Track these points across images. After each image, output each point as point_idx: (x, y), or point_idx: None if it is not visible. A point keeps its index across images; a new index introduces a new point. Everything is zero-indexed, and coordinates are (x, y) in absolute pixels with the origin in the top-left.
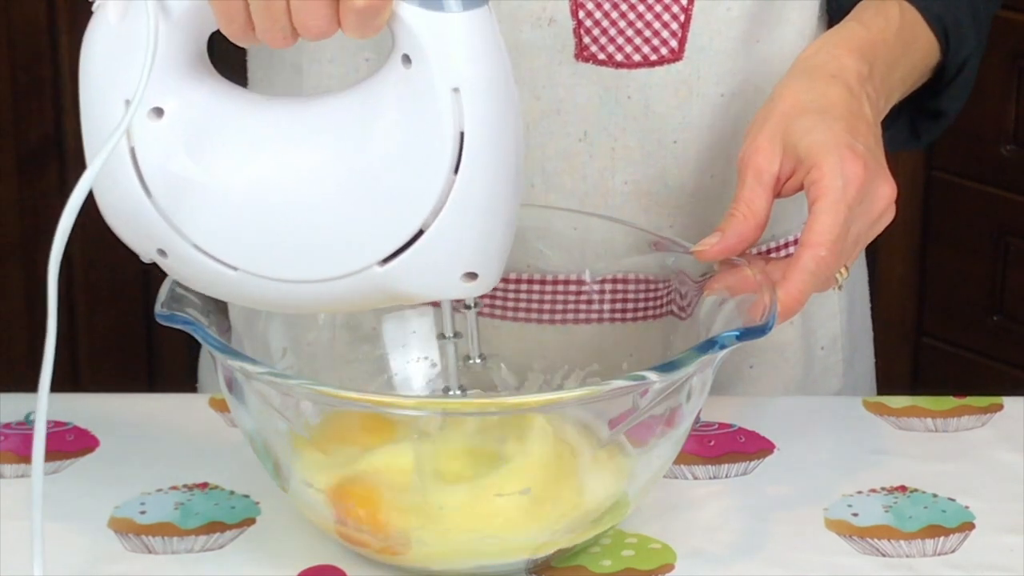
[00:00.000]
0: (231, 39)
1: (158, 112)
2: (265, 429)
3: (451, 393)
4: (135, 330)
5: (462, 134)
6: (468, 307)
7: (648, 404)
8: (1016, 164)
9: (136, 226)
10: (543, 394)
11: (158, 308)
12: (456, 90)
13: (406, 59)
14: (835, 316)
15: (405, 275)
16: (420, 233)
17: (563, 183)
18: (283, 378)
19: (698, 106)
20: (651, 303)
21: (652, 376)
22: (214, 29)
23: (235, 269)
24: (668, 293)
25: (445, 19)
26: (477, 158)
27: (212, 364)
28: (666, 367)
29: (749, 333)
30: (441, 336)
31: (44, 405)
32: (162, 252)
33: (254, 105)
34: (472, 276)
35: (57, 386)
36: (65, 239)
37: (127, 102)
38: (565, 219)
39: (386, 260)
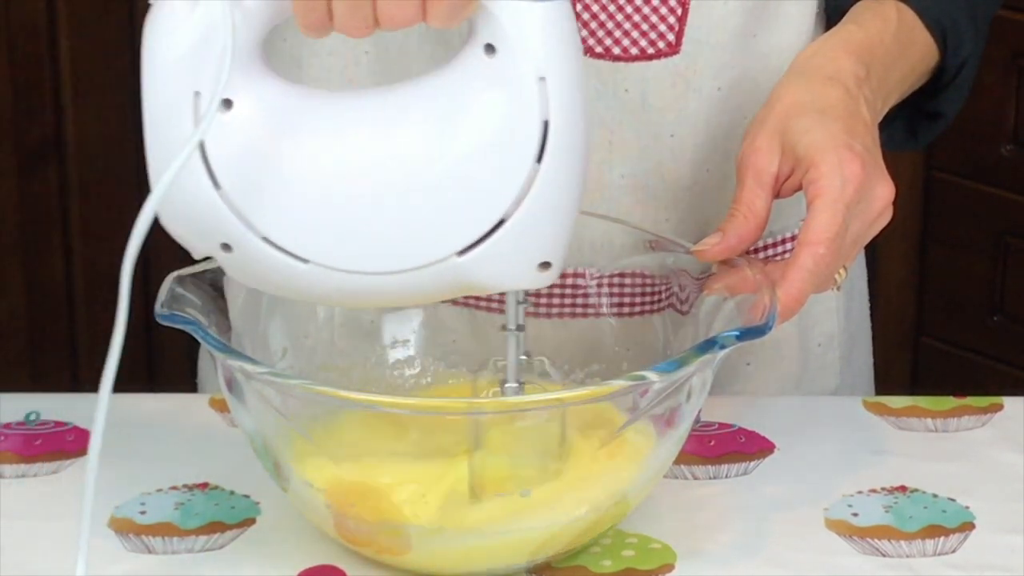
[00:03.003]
0: (303, 30)
1: (227, 104)
2: (265, 429)
3: (507, 386)
4: (135, 330)
5: (546, 123)
6: (520, 302)
7: (648, 404)
8: (1016, 164)
9: (199, 220)
10: (541, 395)
11: (158, 308)
12: (542, 79)
13: (489, 48)
14: (832, 313)
15: (483, 265)
16: (501, 223)
17: None
18: (283, 378)
19: (695, 100)
20: (650, 299)
21: (652, 376)
22: (279, 22)
23: (306, 262)
24: (667, 290)
25: (532, 8)
26: (559, 147)
27: (212, 364)
28: (666, 367)
29: (749, 333)
30: (503, 328)
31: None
32: (226, 247)
33: (325, 96)
34: (546, 265)
35: (57, 386)
36: (142, 238)
37: (196, 94)
38: None
39: (465, 250)
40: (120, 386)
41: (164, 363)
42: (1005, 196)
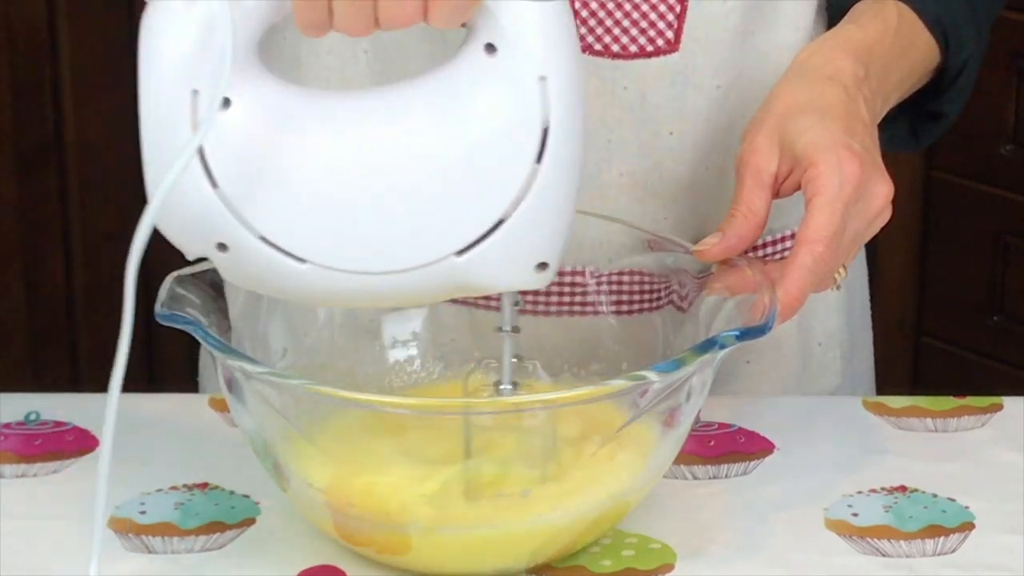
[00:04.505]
0: (303, 29)
1: (226, 102)
2: (265, 429)
3: (502, 388)
4: (135, 330)
5: (547, 123)
6: (515, 303)
7: (648, 404)
8: (1016, 164)
9: (195, 219)
10: (540, 395)
11: (158, 308)
12: (543, 79)
13: (490, 48)
14: (833, 313)
15: (481, 265)
16: (500, 223)
17: None
18: (283, 378)
19: (694, 98)
20: (649, 297)
21: (652, 376)
22: (277, 20)
23: (304, 262)
24: (667, 289)
25: (532, 8)
26: (560, 147)
27: (213, 364)
28: (666, 367)
29: (749, 333)
30: (499, 330)
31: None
32: (222, 246)
33: (323, 95)
34: (543, 266)
35: (57, 386)
36: (146, 241)
37: (195, 92)
38: None
39: (464, 250)
40: (120, 386)
41: (164, 363)
42: (1005, 196)
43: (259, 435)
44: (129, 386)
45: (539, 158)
